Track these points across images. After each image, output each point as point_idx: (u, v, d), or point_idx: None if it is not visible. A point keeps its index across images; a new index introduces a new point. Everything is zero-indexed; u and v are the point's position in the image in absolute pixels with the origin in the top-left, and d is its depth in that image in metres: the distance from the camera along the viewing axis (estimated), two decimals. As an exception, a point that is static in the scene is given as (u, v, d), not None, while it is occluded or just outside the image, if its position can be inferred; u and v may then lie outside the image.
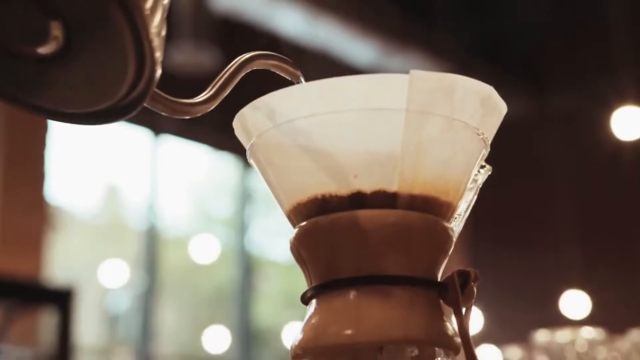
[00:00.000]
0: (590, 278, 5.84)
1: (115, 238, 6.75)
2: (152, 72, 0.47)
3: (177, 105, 0.55)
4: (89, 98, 0.49)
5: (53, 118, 0.50)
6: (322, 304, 0.58)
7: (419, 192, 0.58)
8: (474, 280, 0.58)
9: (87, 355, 5.75)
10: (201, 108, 0.56)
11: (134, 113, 0.49)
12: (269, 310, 7.29)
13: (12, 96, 0.49)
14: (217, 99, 0.57)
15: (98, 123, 0.50)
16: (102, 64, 0.48)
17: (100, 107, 0.49)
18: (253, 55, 0.60)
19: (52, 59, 0.47)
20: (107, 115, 0.49)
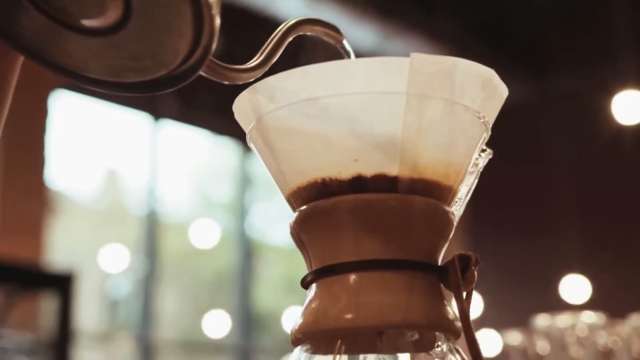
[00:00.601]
0: (590, 262, 5.85)
1: (116, 223, 6.75)
2: (210, 39, 0.47)
3: (229, 72, 0.55)
4: (145, 67, 0.49)
5: (109, 89, 0.50)
6: (322, 288, 0.58)
7: (420, 176, 0.58)
8: (474, 265, 0.58)
9: (87, 340, 5.76)
10: (251, 74, 0.56)
11: (190, 80, 0.49)
12: (269, 295, 7.30)
13: (65, 69, 0.49)
14: (266, 65, 0.57)
15: (154, 91, 0.50)
16: (159, 33, 0.48)
17: (156, 75, 0.49)
18: (299, 20, 0.60)
19: (109, 30, 0.47)
20: (164, 83, 0.49)
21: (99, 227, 6.61)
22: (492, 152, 0.69)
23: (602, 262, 5.94)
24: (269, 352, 6.77)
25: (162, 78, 0.49)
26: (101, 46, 0.48)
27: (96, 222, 6.66)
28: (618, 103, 4.81)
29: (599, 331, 1.31)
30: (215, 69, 0.54)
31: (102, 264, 6.18)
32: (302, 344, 0.58)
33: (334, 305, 0.56)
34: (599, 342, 1.30)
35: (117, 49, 0.48)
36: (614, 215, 6.46)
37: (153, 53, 0.49)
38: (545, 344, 1.36)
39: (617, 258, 6.19)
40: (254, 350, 6.81)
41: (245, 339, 6.78)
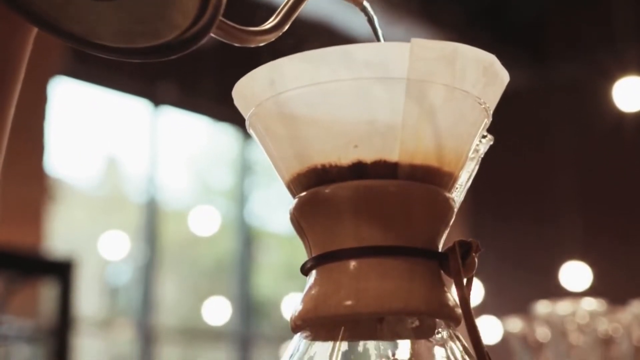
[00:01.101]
0: (591, 249, 5.85)
1: (115, 210, 6.75)
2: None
3: (242, 34, 0.54)
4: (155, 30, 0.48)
5: (121, 56, 0.49)
6: (322, 275, 0.58)
7: (420, 162, 0.58)
8: (475, 251, 0.58)
9: (88, 326, 5.77)
10: (266, 37, 0.55)
11: (201, 43, 0.49)
12: (269, 282, 7.31)
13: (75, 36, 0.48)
14: (282, 27, 0.56)
15: (166, 56, 0.49)
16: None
17: (167, 39, 0.48)
18: None
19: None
20: (176, 47, 0.48)
21: (98, 214, 6.61)
22: (493, 138, 0.69)
23: (602, 249, 5.95)
24: (268, 339, 6.78)
25: (174, 41, 0.48)
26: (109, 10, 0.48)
27: (96, 209, 6.67)
28: (619, 90, 4.80)
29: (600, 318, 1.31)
30: (228, 30, 0.53)
31: (102, 251, 6.19)
32: (302, 331, 0.58)
33: (334, 292, 0.56)
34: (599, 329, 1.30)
35: (125, 12, 0.47)
36: (614, 202, 6.46)
37: (162, 15, 0.48)
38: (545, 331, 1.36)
39: (618, 245, 6.19)
40: (253, 337, 6.83)
41: (245, 326, 6.79)
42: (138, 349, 6.19)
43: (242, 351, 6.74)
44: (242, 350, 6.74)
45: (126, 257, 6.32)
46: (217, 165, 7.44)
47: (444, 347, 0.57)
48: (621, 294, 1.75)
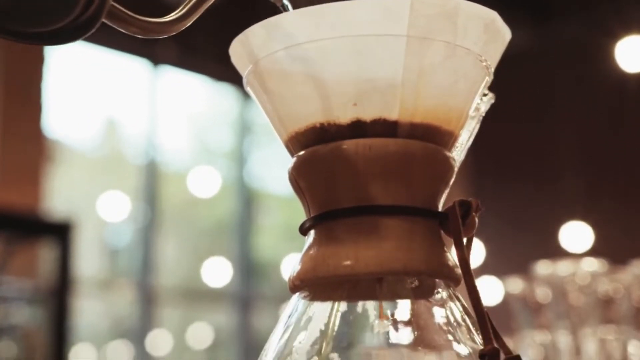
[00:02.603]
0: (592, 210, 5.85)
1: (115, 171, 6.75)
2: None
3: (144, 24, 0.52)
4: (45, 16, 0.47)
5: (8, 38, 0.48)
6: (321, 235, 0.57)
7: (420, 121, 0.57)
8: (475, 211, 0.57)
9: (88, 287, 5.79)
10: (171, 28, 0.53)
11: (92, 31, 0.47)
12: (269, 243, 7.33)
13: None
14: (189, 18, 0.53)
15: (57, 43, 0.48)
16: None
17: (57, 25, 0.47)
18: None
19: None
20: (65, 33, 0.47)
21: (97, 176, 6.61)
22: (494, 96, 0.68)
23: (604, 210, 5.95)
24: (269, 300, 6.80)
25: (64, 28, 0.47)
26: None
27: (95, 171, 6.67)
28: (622, 49, 4.76)
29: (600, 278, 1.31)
30: (127, 20, 0.51)
31: (101, 212, 6.19)
32: (301, 291, 0.58)
33: (332, 252, 0.56)
34: (599, 289, 1.30)
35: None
36: (616, 163, 6.45)
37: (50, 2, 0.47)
38: (546, 291, 1.36)
39: (619, 206, 6.19)
40: (254, 298, 6.85)
41: (245, 287, 6.82)
42: (138, 310, 6.21)
43: (243, 312, 6.77)
44: (242, 311, 6.77)
45: (126, 218, 6.33)
46: (216, 126, 7.42)
47: (443, 308, 0.56)
48: (622, 254, 1.75)
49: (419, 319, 0.56)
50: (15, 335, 4.47)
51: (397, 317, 0.56)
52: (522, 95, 6.32)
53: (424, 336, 0.55)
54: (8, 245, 4.46)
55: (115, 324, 6.64)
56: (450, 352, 0.55)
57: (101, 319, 6.56)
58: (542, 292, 1.38)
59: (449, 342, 0.55)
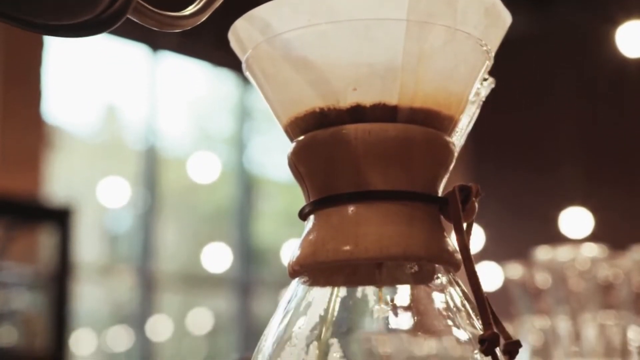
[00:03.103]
0: (592, 196, 5.85)
1: (114, 157, 6.75)
2: None
3: (162, 18, 0.53)
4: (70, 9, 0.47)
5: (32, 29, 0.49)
6: (320, 220, 0.57)
7: (420, 105, 0.57)
8: (475, 196, 0.57)
9: (88, 273, 5.79)
10: (187, 22, 0.54)
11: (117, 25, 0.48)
12: (269, 229, 7.33)
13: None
14: (206, 12, 0.54)
15: (80, 35, 0.49)
16: None
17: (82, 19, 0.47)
18: None
19: None
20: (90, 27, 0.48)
21: (97, 162, 6.61)
22: (494, 81, 0.68)
23: (604, 196, 5.95)
24: (268, 285, 6.81)
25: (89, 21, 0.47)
26: None
27: (95, 157, 6.66)
28: (622, 34, 4.74)
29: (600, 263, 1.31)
30: (147, 14, 0.52)
31: (101, 198, 6.19)
32: (300, 276, 0.58)
33: (332, 237, 0.55)
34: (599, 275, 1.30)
35: None
36: (616, 149, 6.45)
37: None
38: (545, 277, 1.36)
39: (619, 191, 6.19)
40: (254, 284, 6.86)
41: (245, 273, 6.82)
42: (138, 296, 6.22)
43: (242, 297, 6.78)
44: (242, 296, 6.78)
45: (126, 204, 6.33)
46: (216, 112, 7.41)
47: (443, 293, 0.56)
48: (622, 240, 1.75)
49: (418, 304, 0.56)
50: (15, 321, 4.48)
51: (396, 303, 0.55)
52: (522, 80, 6.31)
53: (423, 321, 0.55)
54: (8, 231, 4.46)
55: (116, 310, 6.65)
56: (450, 337, 0.55)
57: (101, 304, 6.57)
58: (542, 278, 1.38)
59: (448, 328, 0.55)
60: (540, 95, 6.79)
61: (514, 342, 0.54)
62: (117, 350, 6.57)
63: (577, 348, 1.27)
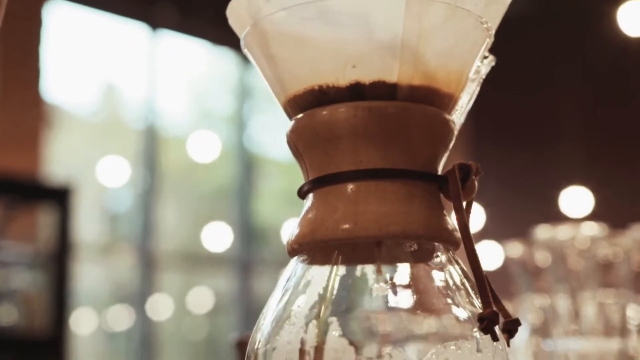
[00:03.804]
0: (592, 175, 5.85)
1: (114, 136, 6.74)
2: None
3: None
4: None
5: None
6: (319, 199, 0.57)
7: (420, 83, 0.56)
8: (475, 174, 0.57)
9: (88, 252, 5.80)
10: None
11: None
12: (269, 208, 7.34)
13: None
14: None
15: None
16: None
17: None
18: None
19: None
20: None
21: (97, 140, 6.60)
22: (495, 58, 0.68)
23: (604, 175, 5.95)
24: (268, 264, 6.82)
25: None
26: None
27: (94, 135, 6.65)
28: (624, 13, 4.72)
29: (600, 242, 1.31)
30: None
31: (100, 177, 6.19)
32: (299, 255, 0.57)
33: (331, 216, 0.55)
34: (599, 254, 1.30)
35: None
36: (617, 128, 6.45)
37: None
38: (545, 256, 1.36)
39: (619, 170, 6.19)
40: (254, 263, 6.87)
41: (246, 252, 6.83)
42: (138, 275, 6.23)
43: (243, 276, 6.79)
44: (242, 275, 6.79)
45: (126, 183, 6.33)
46: (216, 90, 7.40)
47: (442, 271, 0.56)
48: (622, 219, 1.75)
49: (418, 282, 0.55)
50: (15, 300, 4.49)
51: (395, 281, 0.55)
52: (523, 59, 6.30)
53: (423, 300, 0.55)
54: (8, 210, 4.46)
55: (116, 289, 6.66)
56: (449, 315, 0.55)
57: (101, 283, 6.58)
58: (542, 257, 1.38)
59: (448, 306, 0.55)
60: (541, 74, 6.78)
61: (513, 320, 0.54)
62: (118, 329, 6.58)
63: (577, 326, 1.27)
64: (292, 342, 0.54)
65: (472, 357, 0.53)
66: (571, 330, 1.27)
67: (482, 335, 0.53)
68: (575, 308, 1.27)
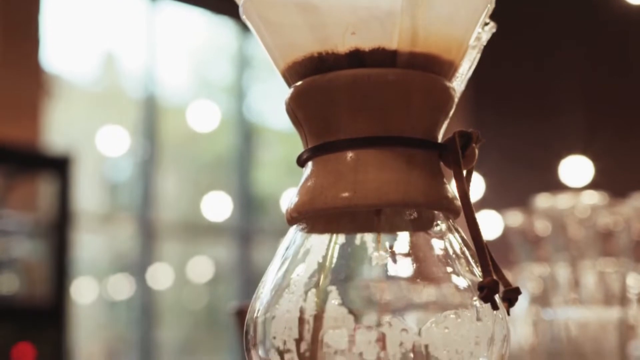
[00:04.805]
0: (593, 144, 5.84)
1: (113, 105, 6.72)
2: None
3: None
4: None
5: None
6: (318, 167, 0.56)
7: (420, 50, 0.56)
8: (475, 142, 0.56)
9: (88, 221, 5.80)
10: None
11: None
12: (269, 178, 7.33)
13: None
14: None
15: None
16: None
17: None
18: None
19: None
20: None
21: (96, 110, 6.58)
22: (496, 25, 0.67)
23: (604, 144, 5.94)
24: (268, 234, 6.82)
25: None
26: None
27: (94, 105, 6.64)
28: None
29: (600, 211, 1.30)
30: None
31: (100, 146, 6.19)
32: (298, 223, 0.57)
33: (330, 184, 0.55)
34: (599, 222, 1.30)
35: None
36: (617, 96, 6.43)
37: None
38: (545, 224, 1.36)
39: (620, 139, 6.18)
40: (254, 232, 6.87)
41: (246, 221, 6.83)
42: (138, 244, 6.23)
43: (243, 246, 6.79)
44: (242, 245, 6.79)
45: (125, 152, 6.32)
46: (216, 60, 7.38)
47: (442, 240, 0.56)
48: (622, 187, 1.74)
49: (417, 251, 0.55)
50: (16, 269, 4.49)
51: (395, 250, 0.55)
52: (523, 29, 6.27)
53: (422, 268, 0.55)
54: (8, 179, 4.46)
55: (116, 258, 6.67)
56: (449, 284, 0.54)
57: (102, 252, 6.59)
58: (542, 225, 1.37)
59: (447, 275, 0.55)
60: (542, 44, 6.75)
61: (513, 289, 0.54)
62: (118, 298, 6.60)
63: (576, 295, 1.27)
64: (291, 311, 0.54)
65: (471, 325, 0.53)
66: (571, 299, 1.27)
67: (482, 304, 0.53)
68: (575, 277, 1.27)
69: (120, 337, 6.69)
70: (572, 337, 1.24)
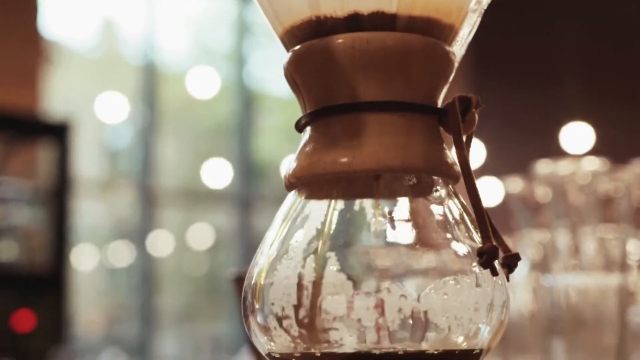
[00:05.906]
0: (594, 111, 5.84)
1: (113, 72, 6.70)
2: None
3: None
4: None
5: None
6: (317, 132, 0.56)
7: (420, 14, 0.55)
8: (475, 107, 0.56)
9: (88, 188, 5.80)
10: None
11: None
12: (269, 144, 7.33)
13: None
14: None
15: None
16: None
17: None
18: None
19: None
20: None
21: (95, 77, 6.57)
22: (497, -11, 0.66)
23: (605, 111, 5.93)
24: (268, 200, 6.83)
25: None
26: None
27: (93, 72, 6.62)
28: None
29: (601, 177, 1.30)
30: None
31: (99, 113, 6.18)
32: (297, 189, 0.57)
33: (329, 149, 0.54)
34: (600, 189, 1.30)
35: None
36: (618, 63, 6.41)
37: None
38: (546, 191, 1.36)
39: (620, 105, 6.17)
40: (254, 199, 6.88)
41: (246, 188, 6.84)
42: (139, 211, 6.24)
43: (243, 213, 6.80)
44: (242, 211, 6.80)
45: (125, 119, 6.31)
46: (216, 26, 7.35)
47: (442, 205, 0.55)
48: (623, 154, 1.74)
49: (417, 217, 0.55)
50: (15, 236, 4.50)
51: (394, 215, 0.55)
52: None
53: (422, 234, 0.54)
54: (7, 146, 4.46)
55: (116, 225, 6.68)
56: (449, 250, 0.54)
57: (102, 219, 6.60)
58: (542, 192, 1.37)
59: (447, 241, 0.54)
60: (544, 13, 6.73)
61: (513, 255, 0.53)
62: (118, 265, 6.62)
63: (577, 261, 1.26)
64: (289, 277, 0.54)
65: (471, 291, 0.53)
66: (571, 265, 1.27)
67: (482, 270, 0.53)
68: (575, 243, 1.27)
69: (121, 304, 6.71)
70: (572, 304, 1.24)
